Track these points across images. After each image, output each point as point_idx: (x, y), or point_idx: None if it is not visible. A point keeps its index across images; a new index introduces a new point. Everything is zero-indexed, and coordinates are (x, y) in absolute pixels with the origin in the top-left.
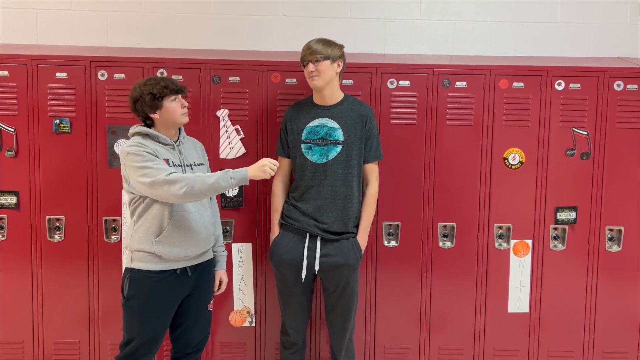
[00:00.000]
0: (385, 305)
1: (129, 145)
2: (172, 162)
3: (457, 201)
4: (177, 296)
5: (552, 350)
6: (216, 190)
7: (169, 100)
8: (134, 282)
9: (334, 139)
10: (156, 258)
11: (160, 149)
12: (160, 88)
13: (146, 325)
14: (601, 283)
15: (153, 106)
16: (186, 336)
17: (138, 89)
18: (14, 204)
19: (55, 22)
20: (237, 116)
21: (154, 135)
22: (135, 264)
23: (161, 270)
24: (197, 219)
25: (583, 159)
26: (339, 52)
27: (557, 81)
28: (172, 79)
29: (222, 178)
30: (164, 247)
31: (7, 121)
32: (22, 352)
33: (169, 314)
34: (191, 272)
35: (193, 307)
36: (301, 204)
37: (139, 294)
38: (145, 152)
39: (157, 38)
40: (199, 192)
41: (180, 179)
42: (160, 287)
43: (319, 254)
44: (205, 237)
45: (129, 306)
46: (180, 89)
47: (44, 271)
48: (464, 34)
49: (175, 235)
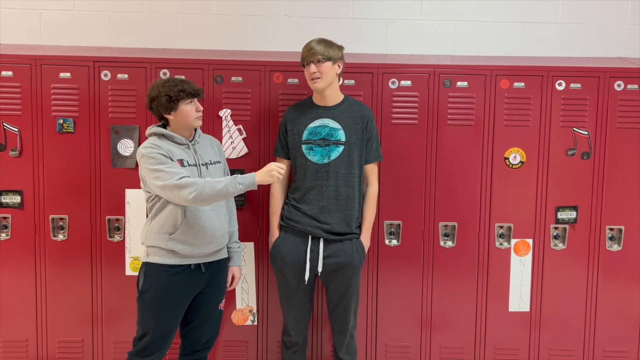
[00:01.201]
0: (386, 304)
1: (144, 146)
2: (187, 161)
3: (458, 201)
4: (190, 292)
5: (552, 349)
6: (224, 195)
7: (184, 104)
8: (149, 275)
9: (335, 140)
10: (170, 253)
11: (175, 149)
12: (177, 91)
13: (159, 319)
14: (602, 282)
15: (168, 107)
16: (196, 333)
17: (156, 89)
18: (18, 204)
19: (58, 22)
20: (239, 116)
21: (169, 135)
22: (150, 257)
23: (175, 265)
24: (212, 217)
25: (584, 158)
26: (340, 53)
27: (558, 81)
28: (190, 82)
29: (231, 184)
30: (177, 244)
31: (11, 121)
32: (26, 351)
33: (181, 309)
34: (205, 268)
35: (205, 304)
36: (303, 205)
37: (153, 287)
38: (159, 155)
39: (160, 38)
40: (207, 197)
41: (190, 183)
42: (174, 282)
43: (322, 256)
44: (220, 236)
45: (143, 300)
46: (197, 92)
47: (47, 270)
48: (465, 34)
49: (188, 234)
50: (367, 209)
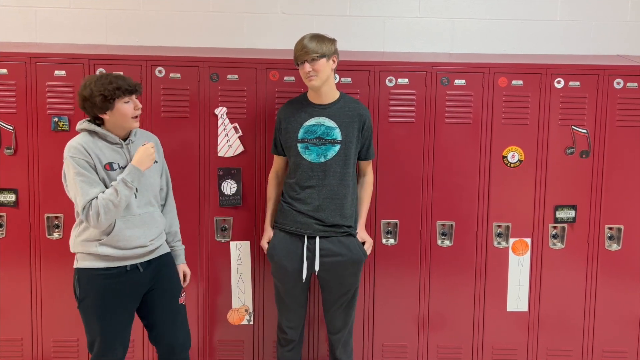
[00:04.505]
0: (383, 304)
1: (71, 146)
2: (117, 164)
3: (455, 199)
4: (133, 293)
5: (551, 349)
6: (126, 197)
7: (121, 102)
8: (83, 282)
9: (331, 139)
10: (101, 257)
11: (106, 150)
12: (113, 89)
13: (104, 324)
14: (600, 282)
15: (103, 107)
16: (164, 334)
17: (88, 88)
18: (13, 202)
19: (54, 20)
20: (235, 114)
21: (101, 133)
22: (81, 263)
23: (108, 267)
24: (145, 220)
25: (582, 157)
26: (333, 47)
27: (557, 79)
28: (126, 77)
29: (122, 188)
30: (108, 249)
31: (5, 119)
32: (22, 350)
33: (126, 310)
34: (143, 268)
35: (157, 302)
36: (298, 204)
37: (90, 293)
38: (83, 161)
39: (156, 36)
40: (109, 213)
41: (88, 208)
42: (110, 284)
43: (318, 254)
44: (155, 238)
45: (83, 307)
46: (134, 88)
47: (43, 269)
48: (463, 32)
49: (120, 238)
50: (364, 194)
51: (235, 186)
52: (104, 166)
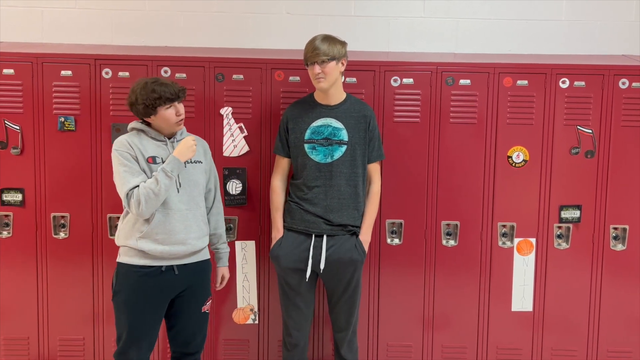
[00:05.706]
0: (388, 303)
1: (118, 140)
2: (161, 158)
3: (460, 199)
4: (164, 294)
5: (555, 349)
6: (166, 186)
7: (163, 109)
8: (120, 276)
9: (338, 139)
10: (140, 253)
11: (150, 146)
12: (154, 99)
13: (132, 320)
14: (605, 282)
15: (147, 113)
16: (181, 337)
17: (134, 95)
18: (20, 201)
19: (60, 20)
20: (240, 114)
21: (148, 131)
22: (121, 257)
23: (145, 266)
24: (187, 217)
25: (587, 157)
26: (344, 50)
27: (562, 79)
28: (170, 84)
29: (163, 177)
30: (147, 243)
31: (12, 119)
32: (28, 348)
33: (155, 311)
34: (178, 271)
35: (185, 308)
36: (307, 205)
37: (124, 288)
38: (126, 153)
39: (161, 36)
40: (151, 200)
41: (130, 196)
42: (144, 283)
43: (324, 253)
44: (195, 237)
45: (116, 301)
46: (175, 96)
47: (49, 268)
48: (468, 32)
49: (159, 233)
50: (369, 206)
51: (240, 186)
52: (146, 159)
